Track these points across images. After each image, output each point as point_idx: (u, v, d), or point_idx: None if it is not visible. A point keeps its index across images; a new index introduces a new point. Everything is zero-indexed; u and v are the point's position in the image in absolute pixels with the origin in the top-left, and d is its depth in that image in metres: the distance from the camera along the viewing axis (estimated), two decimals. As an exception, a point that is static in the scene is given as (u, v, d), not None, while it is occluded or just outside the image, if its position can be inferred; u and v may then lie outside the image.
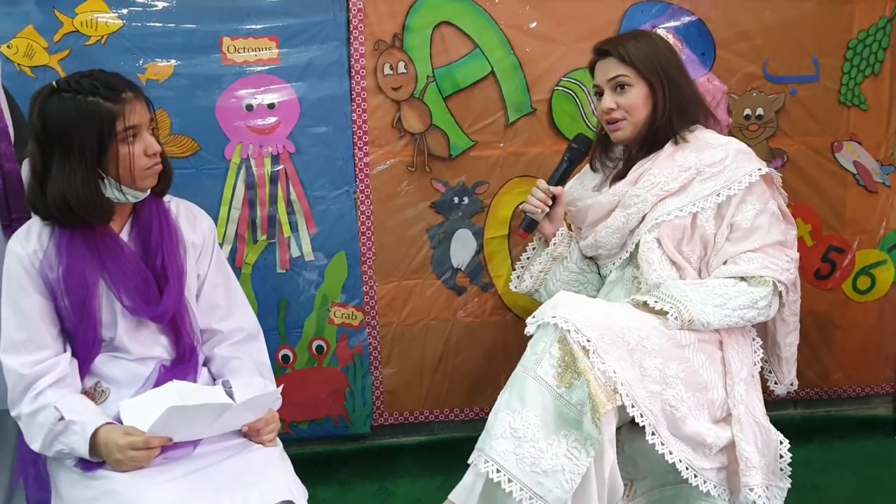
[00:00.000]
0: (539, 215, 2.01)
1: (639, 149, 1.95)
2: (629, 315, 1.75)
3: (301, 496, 1.57)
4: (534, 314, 1.73)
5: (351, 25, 2.37)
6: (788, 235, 1.90)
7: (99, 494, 1.50)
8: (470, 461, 1.66)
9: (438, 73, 2.42)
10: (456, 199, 2.49)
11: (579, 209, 2.03)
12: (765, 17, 2.48)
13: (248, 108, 2.36)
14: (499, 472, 1.59)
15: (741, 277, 1.82)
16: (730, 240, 1.85)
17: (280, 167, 2.39)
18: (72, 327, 1.62)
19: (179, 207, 1.77)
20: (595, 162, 2.07)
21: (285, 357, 2.48)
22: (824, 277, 2.63)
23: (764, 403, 1.86)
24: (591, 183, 2.07)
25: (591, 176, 2.09)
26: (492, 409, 1.68)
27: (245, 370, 1.75)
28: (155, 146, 1.62)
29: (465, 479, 1.66)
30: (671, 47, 1.98)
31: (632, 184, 1.90)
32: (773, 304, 1.85)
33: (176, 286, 1.67)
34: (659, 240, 1.87)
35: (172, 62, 2.32)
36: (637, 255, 1.89)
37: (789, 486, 1.83)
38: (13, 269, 1.60)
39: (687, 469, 1.70)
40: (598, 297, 2.00)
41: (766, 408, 1.86)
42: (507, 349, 2.48)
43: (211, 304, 1.78)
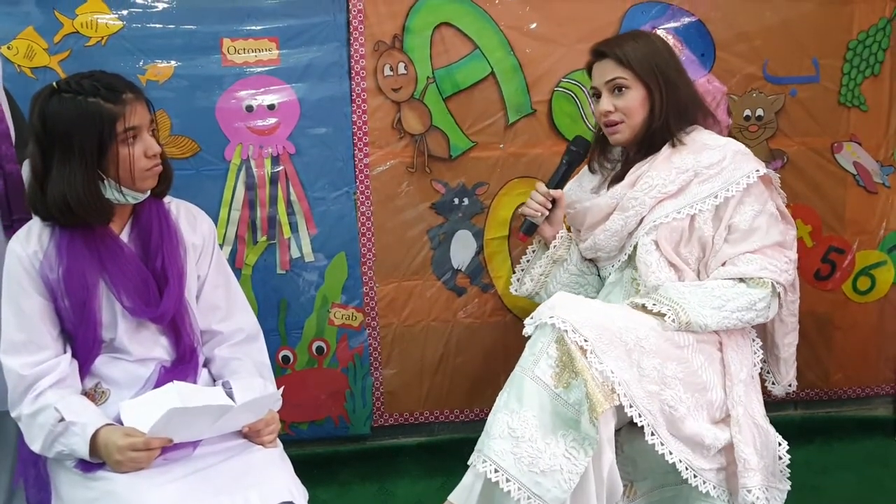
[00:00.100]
0: (539, 219, 2.01)
1: (636, 151, 1.95)
2: (627, 315, 1.75)
3: (301, 497, 1.57)
4: (532, 315, 1.73)
5: (351, 26, 2.37)
6: (787, 236, 1.90)
7: (99, 495, 1.50)
8: (469, 462, 1.66)
9: (438, 74, 2.42)
10: (456, 200, 2.49)
11: (578, 211, 2.03)
12: (765, 18, 2.48)
13: (248, 109, 2.36)
14: (497, 471, 1.59)
15: (740, 279, 1.82)
16: (728, 241, 1.85)
17: (280, 168, 2.39)
18: (72, 328, 1.62)
19: (179, 208, 1.77)
20: (593, 163, 2.07)
21: (285, 358, 2.48)
22: (824, 278, 2.63)
23: (764, 404, 1.86)
24: (589, 185, 2.07)
25: (589, 178, 2.09)
26: (491, 410, 1.68)
27: (245, 371, 1.75)
28: (155, 147, 1.62)
29: (464, 480, 1.66)
30: (669, 48, 1.97)
31: (630, 186, 1.90)
32: (773, 305, 1.85)
33: (176, 287, 1.67)
34: (657, 242, 1.86)
35: (172, 63, 2.32)
36: (635, 258, 1.89)
37: (789, 488, 1.83)
38: (13, 270, 1.60)
39: (686, 469, 1.70)
40: (598, 299, 1.99)
41: (765, 409, 1.86)
42: (508, 350, 2.47)
43: (211, 305, 1.78)
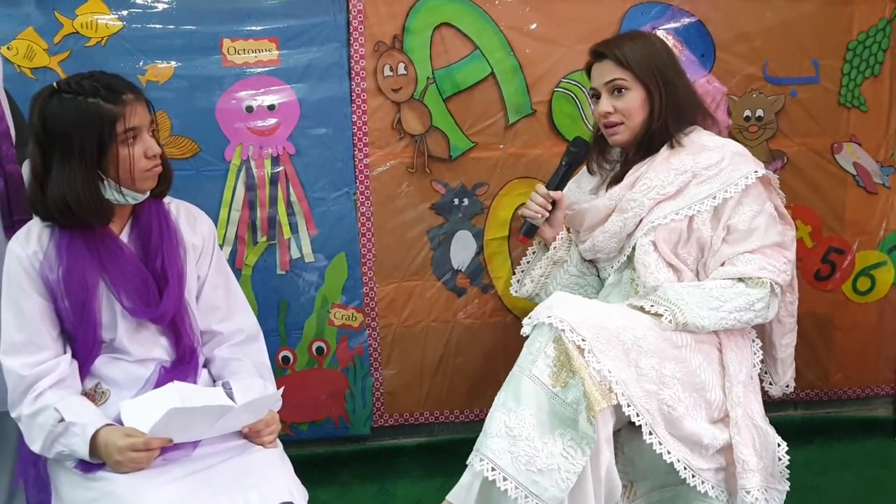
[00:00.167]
0: (539, 220, 2.01)
1: (635, 152, 1.95)
2: (625, 315, 1.75)
3: (301, 497, 1.57)
4: (530, 314, 1.73)
5: (351, 27, 2.37)
6: (786, 237, 1.90)
7: (99, 496, 1.50)
8: (467, 461, 1.66)
9: (438, 74, 2.42)
10: (456, 201, 2.49)
11: (576, 213, 2.02)
12: (765, 19, 2.48)
13: (248, 109, 2.36)
14: (494, 470, 1.59)
15: (739, 279, 1.82)
16: (727, 241, 1.85)
17: (280, 168, 2.39)
18: (72, 329, 1.62)
19: (179, 209, 1.77)
20: (592, 164, 2.07)
21: (285, 358, 2.48)
22: (824, 279, 2.63)
23: (763, 405, 1.86)
24: (588, 186, 2.07)
25: (588, 179, 2.09)
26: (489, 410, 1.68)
27: (245, 371, 1.76)
28: (155, 148, 1.62)
29: (462, 479, 1.67)
30: (668, 48, 1.97)
31: (628, 188, 1.90)
32: (772, 305, 1.85)
33: (176, 288, 1.67)
34: (655, 243, 1.86)
35: (172, 64, 2.32)
36: (634, 259, 1.89)
37: (788, 489, 1.83)
38: (13, 271, 1.60)
39: (685, 469, 1.70)
40: (597, 300, 1.99)
41: (765, 409, 1.85)
42: (507, 350, 2.46)
43: (211, 305, 1.78)
